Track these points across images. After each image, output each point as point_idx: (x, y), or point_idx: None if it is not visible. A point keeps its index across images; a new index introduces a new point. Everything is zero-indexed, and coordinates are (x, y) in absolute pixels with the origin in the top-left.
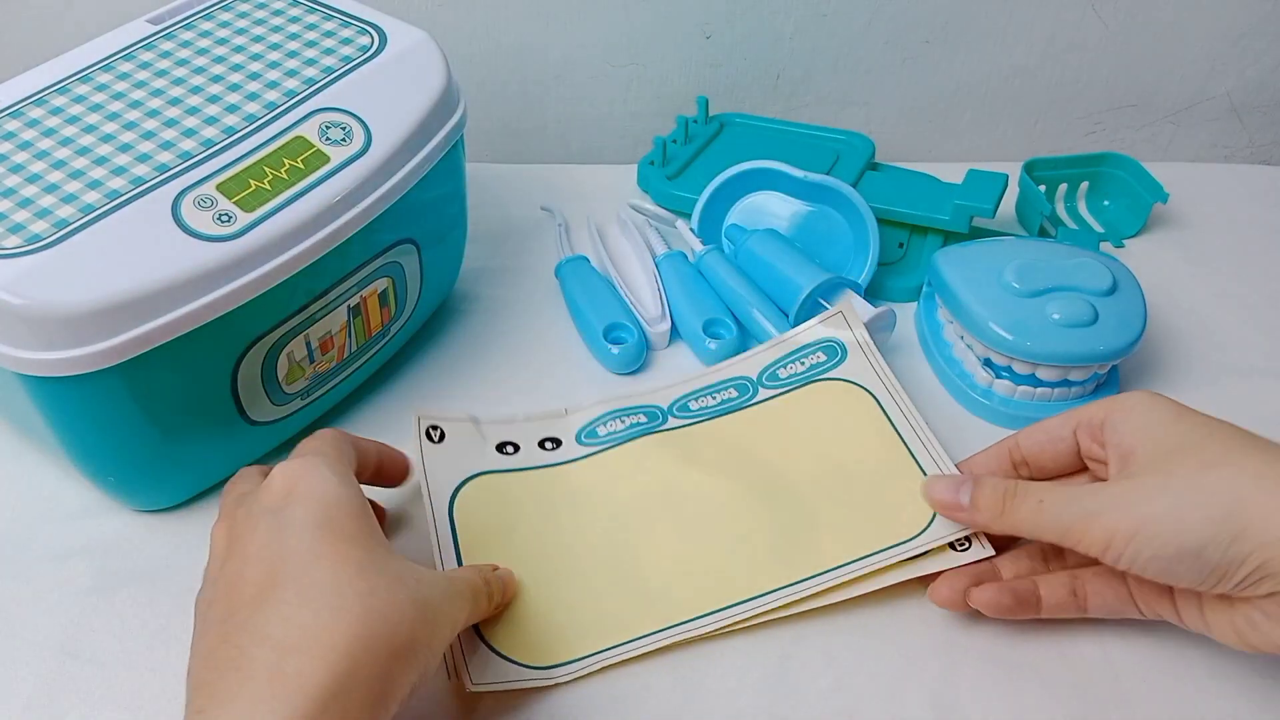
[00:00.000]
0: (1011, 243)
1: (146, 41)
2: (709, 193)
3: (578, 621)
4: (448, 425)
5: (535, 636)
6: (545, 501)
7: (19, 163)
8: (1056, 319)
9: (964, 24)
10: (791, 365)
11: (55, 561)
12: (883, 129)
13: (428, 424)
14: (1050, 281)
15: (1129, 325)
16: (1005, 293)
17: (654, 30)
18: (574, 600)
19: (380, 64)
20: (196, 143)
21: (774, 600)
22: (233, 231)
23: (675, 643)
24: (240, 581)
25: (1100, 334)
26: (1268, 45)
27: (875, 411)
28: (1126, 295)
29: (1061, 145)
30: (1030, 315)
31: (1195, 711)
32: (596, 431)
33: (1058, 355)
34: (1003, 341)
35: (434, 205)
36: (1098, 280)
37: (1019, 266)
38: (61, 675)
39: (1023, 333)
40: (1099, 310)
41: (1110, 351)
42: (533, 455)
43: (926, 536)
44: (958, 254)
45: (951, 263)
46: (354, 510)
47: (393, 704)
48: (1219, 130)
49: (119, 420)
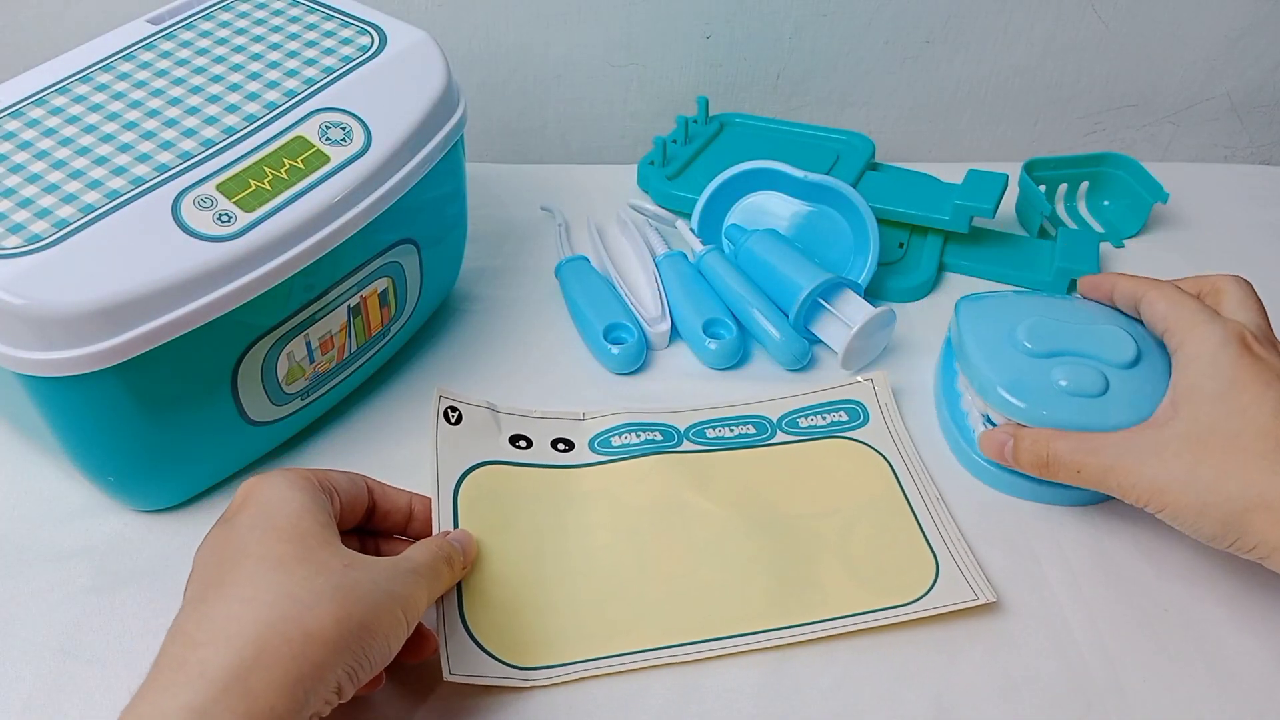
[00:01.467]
0: (1040, 300)
1: (146, 41)
2: (709, 193)
3: (565, 627)
4: (465, 409)
5: (521, 635)
6: (550, 501)
7: (19, 163)
8: (1062, 385)
9: (964, 24)
10: (813, 417)
11: (55, 561)
12: (883, 129)
13: (447, 404)
14: (1064, 344)
15: (1141, 404)
16: (1015, 350)
17: (654, 30)
18: (565, 605)
19: (380, 64)
20: (196, 143)
21: (765, 640)
22: (233, 231)
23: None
24: (188, 588)
25: (1107, 408)
26: (1268, 45)
27: (889, 478)
28: (1149, 372)
29: (1061, 145)
30: (1034, 377)
31: (1196, 714)
32: (610, 441)
33: (1052, 422)
34: (998, 398)
35: (434, 205)
36: (1119, 351)
37: (1033, 325)
38: (61, 675)
39: (1019, 392)
40: (1112, 382)
41: (1115, 428)
42: (544, 453)
43: (928, 601)
44: (980, 303)
45: (970, 311)
46: (295, 510)
47: (318, 687)
48: (1219, 130)
49: (119, 420)
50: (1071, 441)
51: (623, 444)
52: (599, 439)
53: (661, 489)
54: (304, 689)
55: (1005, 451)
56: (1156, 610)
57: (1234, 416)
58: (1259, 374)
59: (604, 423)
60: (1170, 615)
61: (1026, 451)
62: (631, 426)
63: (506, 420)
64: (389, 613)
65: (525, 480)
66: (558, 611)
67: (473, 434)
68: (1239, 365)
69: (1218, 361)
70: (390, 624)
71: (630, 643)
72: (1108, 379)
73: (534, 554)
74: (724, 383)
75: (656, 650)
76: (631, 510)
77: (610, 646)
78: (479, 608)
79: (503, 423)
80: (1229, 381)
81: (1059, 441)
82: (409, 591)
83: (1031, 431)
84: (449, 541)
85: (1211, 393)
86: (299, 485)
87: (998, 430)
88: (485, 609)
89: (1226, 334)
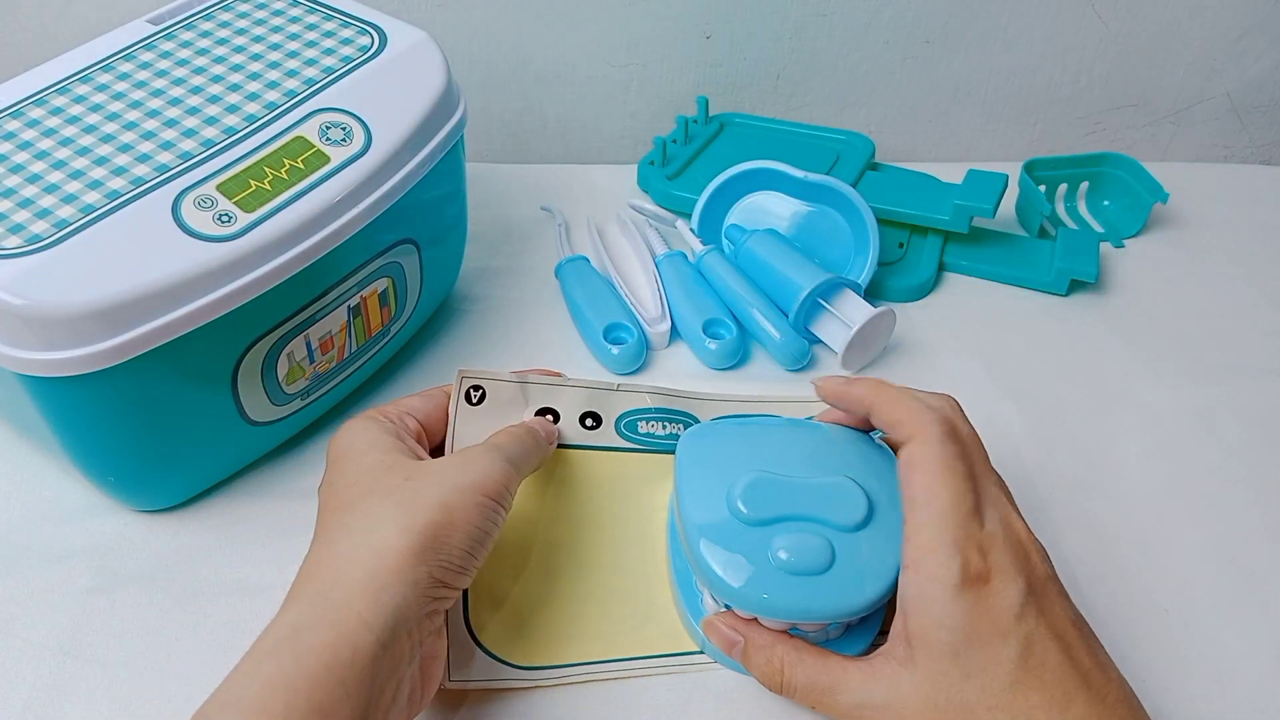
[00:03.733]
0: (774, 428)
1: (146, 41)
2: (709, 193)
3: (572, 625)
4: (491, 385)
5: (524, 631)
6: (568, 486)
7: (19, 163)
8: (783, 559)
9: (964, 24)
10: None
11: (55, 561)
12: (883, 129)
13: (469, 384)
14: (786, 508)
15: (865, 583)
16: (732, 517)
17: (654, 30)
18: (573, 601)
19: (380, 64)
20: (196, 143)
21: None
22: (233, 232)
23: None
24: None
25: (830, 588)
26: (1268, 45)
27: None
28: (878, 534)
29: (1061, 145)
30: (752, 550)
31: (1196, 714)
32: (637, 426)
33: (771, 608)
34: (713, 578)
35: (434, 205)
36: (847, 512)
37: (750, 486)
38: (61, 675)
39: (734, 571)
40: (838, 553)
41: (836, 613)
42: (571, 430)
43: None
44: (702, 437)
45: (691, 450)
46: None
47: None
48: (1219, 130)
49: (119, 420)
50: (809, 671)
51: (647, 434)
52: (626, 420)
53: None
54: (387, 594)
55: (735, 652)
56: (1156, 610)
57: (969, 682)
58: (992, 621)
59: (635, 400)
60: (1170, 615)
61: (758, 667)
62: (660, 414)
63: (535, 392)
64: (459, 505)
65: (549, 461)
66: (567, 607)
67: (496, 412)
68: (973, 614)
69: (949, 604)
70: (464, 512)
71: (640, 647)
72: (834, 549)
73: (546, 543)
74: (724, 383)
75: (666, 657)
76: (647, 508)
77: (620, 650)
78: (485, 605)
79: (531, 394)
80: (964, 636)
81: (796, 671)
82: (483, 474)
83: (766, 641)
84: (532, 421)
85: (946, 647)
86: (365, 426)
87: (726, 622)
88: (491, 605)
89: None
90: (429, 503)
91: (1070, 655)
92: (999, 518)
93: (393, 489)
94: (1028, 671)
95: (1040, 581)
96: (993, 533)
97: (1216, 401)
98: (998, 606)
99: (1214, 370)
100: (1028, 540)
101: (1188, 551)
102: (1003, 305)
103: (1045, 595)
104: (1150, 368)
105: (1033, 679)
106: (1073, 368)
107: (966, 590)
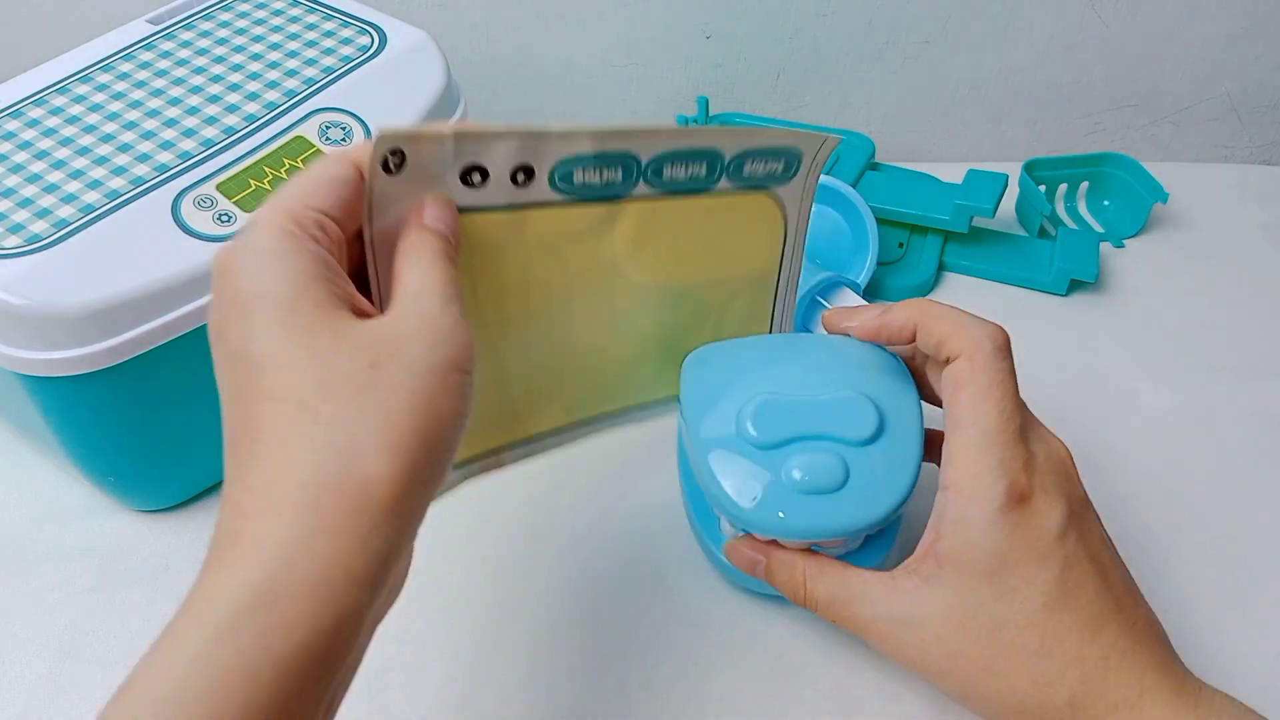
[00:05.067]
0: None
1: (146, 41)
2: None
3: (531, 399)
4: (413, 149)
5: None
6: (493, 255)
7: (19, 163)
8: (797, 479)
9: (964, 24)
10: (756, 164)
11: (55, 562)
12: (883, 129)
13: (387, 149)
14: (797, 428)
15: (880, 496)
16: (744, 441)
17: (654, 30)
18: (529, 376)
19: (380, 64)
20: (196, 143)
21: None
22: (233, 231)
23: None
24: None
25: (845, 504)
26: (1268, 45)
27: (776, 251)
28: (892, 445)
29: (1061, 145)
30: (766, 473)
31: None
32: (571, 176)
33: (788, 528)
34: (729, 504)
35: None
36: (858, 426)
37: (760, 409)
38: (61, 675)
39: (748, 495)
40: (852, 470)
41: (854, 528)
42: (500, 189)
43: None
44: (703, 368)
45: (695, 376)
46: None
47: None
48: (1219, 130)
49: (119, 420)
50: (830, 584)
51: (583, 183)
52: (560, 170)
53: (601, 250)
54: (380, 535)
55: (759, 571)
56: (1156, 610)
57: (1001, 600)
58: (1032, 543)
59: (570, 147)
60: (1170, 615)
61: (782, 583)
62: (597, 160)
63: (465, 148)
64: (440, 392)
65: (471, 229)
66: (522, 384)
67: (418, 178)
68: (1013, 535)
69: (989, 526)
70: (449, 401)
71: (542, 423)
72: (847, 465)
73: (486, 325)
74: None
75: (564, 431)
76: (569, 272)
77: (524, 430)
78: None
79: (460, 151)
80: (1001, 558)
81: (817, 584)
82: (452, 341)
83: (787, 558)
84: (426, 233)
85: (981, 566)
86: (279, 253)
87: (747, 544)
88: None
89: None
90: (410, 402)
91: (1105, 579)
92: (1040, 436)
93: (359, 385)
94: (1065, 593)
95: (1080, 503)
96: (1036, 452)
97: (1216, 401)
98: (1040, 528)
99: (1214, 370)
100: (1067, 459)
101: (1188, 551)
102: (1002, 305)
103: (1085, 517)
104: (1150, 368)
105: (1069, 600)
106: (1073, 368)
107: (1010, 513)
